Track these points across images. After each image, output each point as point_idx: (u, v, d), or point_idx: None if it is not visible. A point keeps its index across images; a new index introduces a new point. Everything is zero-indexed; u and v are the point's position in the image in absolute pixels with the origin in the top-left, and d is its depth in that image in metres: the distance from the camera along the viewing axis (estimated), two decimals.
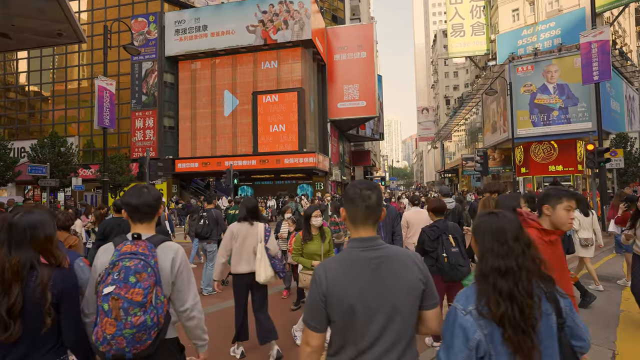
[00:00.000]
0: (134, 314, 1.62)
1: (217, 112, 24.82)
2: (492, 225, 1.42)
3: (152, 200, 1.92)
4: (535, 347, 1.25)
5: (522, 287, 1.30)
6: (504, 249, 1.35)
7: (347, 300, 1.39)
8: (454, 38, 34.26)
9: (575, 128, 25.12)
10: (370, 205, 1.47)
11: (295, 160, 22.25)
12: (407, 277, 1.43)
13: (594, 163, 11.14)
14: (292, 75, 23.85)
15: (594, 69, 11.96)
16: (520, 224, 1.43)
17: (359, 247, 1.46)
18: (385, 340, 1.39)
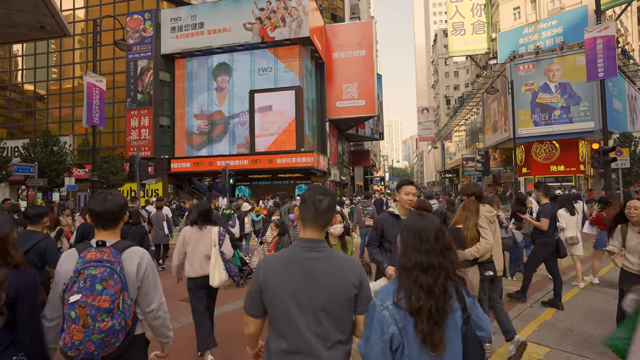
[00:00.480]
0: (101, 320, 1.68)
1: (216, 111, 24.42)
2: (417, 225, 1.55)
3: (115, 207, 1.94)
4: (442, 338, 1.38)
5: (440, 283, 1.43)
6: (426, 247, 1.48)
7: (279, 293, 1.53)
8: (455, 37, 33.88)
9: (578, 128, 24.75)
10: (320, 209, 1.60)
11: (292, 160, 21.87)
12: (341, 281, 1.53)
13: (599, 163, 10.73)
14: (290, 74, 23.46)
15: (599, 65, 11.56)
16: (441, 227, 1.56)
17: (302, 246, 1.59)
18: (311, 336, 1.49)
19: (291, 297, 1.52)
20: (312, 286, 1.52)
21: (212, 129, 24.34)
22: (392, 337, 1.39)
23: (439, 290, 1.42)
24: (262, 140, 23.01)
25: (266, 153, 22.48)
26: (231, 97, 24.22)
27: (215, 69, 24.58)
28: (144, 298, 1.92)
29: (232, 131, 24.02)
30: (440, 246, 1.50)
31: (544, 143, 26.77)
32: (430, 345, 1.37)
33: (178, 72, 25.27)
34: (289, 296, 1.52)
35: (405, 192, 3.14)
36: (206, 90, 24.61)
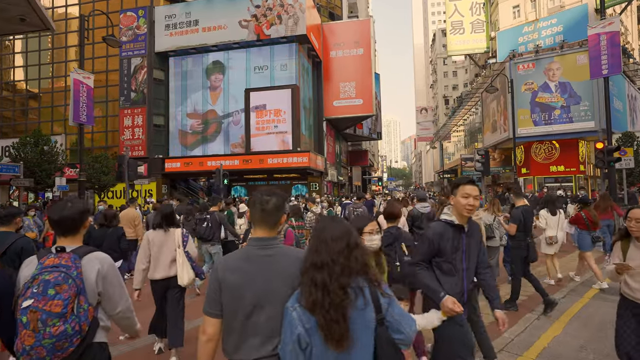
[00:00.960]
0: (52, 325, 1.68)
1: (209, 110, 24.00)
2: (319, 227, 1.63)
3: (74, 214, 1.94)
4: (345, 335, 1.41)
5: (335, 279, 1.46)
6: (321, 247, 1.54)
7: (235, 289, 1.62)
8: (454, 36, 33.54)
9: (578, 127, 24.45)
10: (266, 210, 1.70)
11: (288, 160, 21.46)
12: (293, 275, 1.58)
13: (603, 162, 10.37)
14: (286, 72, 23.06)
15: (602, 62, 11.19)
16: (350, 228, 1.62)
17: (255, 245, 1.70)
18: (266, 329, 1.59)
19: (247, 292, 1.62)
20: (266, 281, 1.62)
21: (205, 128, 23.92)
22: (299, 338, 1.45)
23: (334, 287, 1.45)
24: (257, 140, 22.59)
25: (261, 153, 22.07)
26: (226, 96, 23.80)
27: (209, 68, 24.15)
28: (109, 302, 1.94)
29: (225, 131, 23.61)
30: (340, 246, 1.53)
31: (544, 143, 26.45)
32: (331, 341, 1.41)
33: (172, 71, 24.82)
34: (246, 292, 1.62)
35: (464, 193, 2.42)
36: (200, 89, 24.18)
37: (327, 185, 27.82)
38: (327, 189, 27.19)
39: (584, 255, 6.46)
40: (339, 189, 32.09)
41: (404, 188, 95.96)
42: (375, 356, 1.50)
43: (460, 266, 2.47)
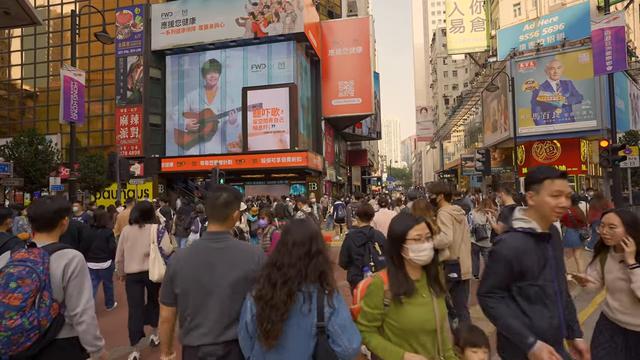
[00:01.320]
0: (9, 318, 1.70)
1: (206, 109, 23.72)
2: (285, 229, 1.75)
3: (48, 212, 2.00)
4: (276, 335, 1.52)
5: (286, 282, 1.57)
6: (283, 249, 1.66)
7: (186, 278, 1.79)
8: (453, 34, 33.21)
9: (580, 126, 24.16)
10: (215, 205, 1.88)
11: (286, 160, 21.17)
12: (241, 267, 1.77)
13: (608, 161, 10.05)
14: (284, 71, 22.77)
15: (607, 58, 10.89)
16: (315, 234, 1.67)
17: (207, 238, 1.88)
18: (213, 315, 1.75)
19: (197, 282, 1.76)
20: (215, 271, 1.76)
21: (201, 127, 23.63)
22: (246, 325, 1.61)
23: (283, 289, 1.55)
24: (254, 139, 22.30)
25: (258, 152, 21.78)
26: (223, 95, 23.51)
27: (205, 66, 23.87)
28: (69, 300, 1.93)
29: (222, 130, 23.31)
30: (301, 252, 1.61)
31: (545, 142, 26.14)
32: (262, 331, 1.52)
33: (169, 69, 24.54)
34: (195, 281, 1.76)
35: (554, 191, 1.77)
36: (196, 87, 23.89)
37: (326, 185, 27.53)
38: (326, 188, 26.90)
39: (575, 251, 6.60)
40: (338, 189, 31.80)
41: (403, 188, 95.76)
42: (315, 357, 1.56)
43: (551, 289, 1.82)
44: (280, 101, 22.04)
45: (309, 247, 1.62)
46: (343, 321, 1.58)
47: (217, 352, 1.73)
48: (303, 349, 1.55)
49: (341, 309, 1.59)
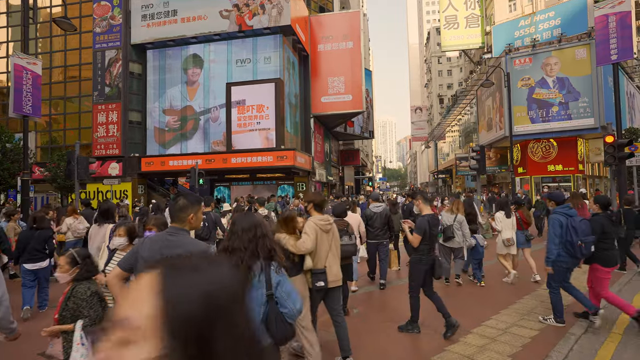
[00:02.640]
0: None
1: (188, 106, 22.59)
2: (233, 221, 2.20)
3: None
4: None
5: (244, 261, 1.94)
6: (234, 236, 2.08)
7: (145, 261, 2.18)
8: (447, 30, 32.37)
9: (577, 125, 23.36)
10: (174, 208, 2.35)
11: (272, 159, 20.10)
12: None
13: (613, 158, 9.11)
14: (270, 65, 21.71)
15: (611, 46, 9.97)
16: (258, 222, 2.12)
17: (167, 231, 2.34)
18: None
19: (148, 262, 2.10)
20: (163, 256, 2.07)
21: (182, 125, 22.49)
22: None
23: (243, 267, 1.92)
24: (239, 137, 21.22)
25: (243, 151, 20.70)
26: (205, 91, 22.41)
27: (186, 61, 22.74)
28: None
29: (204, 128, 22.20)
30: (250, 235, 2.03)
31: (541, 141, 25.35)
32: None
33: (151, 64, 23.38)
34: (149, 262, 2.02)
35: None
36: (178, 83, 22.75)
37: (316, 186, 26.49)
38: (316, 189, 25.85)
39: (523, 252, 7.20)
40: (329, 189, 30.78)
41: (399, 189, 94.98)
42: (266, 325, 1.92)
43: None
44: (266, 97, 20.98)
45: (255, 232, 2.03)
46: (288, 288, 2.01)
47: None
48: (256, 315, 1.88)
49: (285, 280, 2.04)
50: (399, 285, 6.94)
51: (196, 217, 2.36)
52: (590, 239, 4.24)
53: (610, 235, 4.56)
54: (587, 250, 4.20)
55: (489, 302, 5.84)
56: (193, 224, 2.36)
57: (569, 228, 4.24)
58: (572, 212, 4.39)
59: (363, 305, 5.91)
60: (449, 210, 6.47)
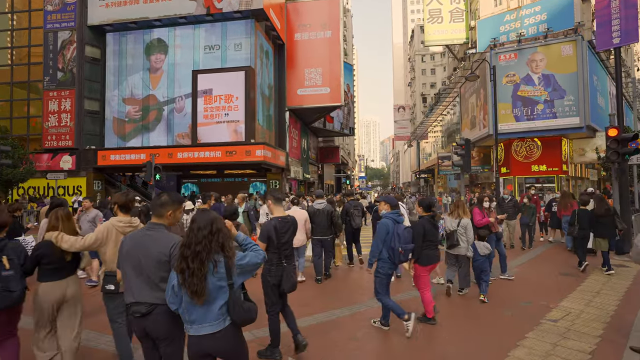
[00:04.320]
0: None
1: (150, 95, 20.66)
2: (192, 219, 2.28)
3: None
4: (202, 292, 2.11)
5: (197, 255, 2.14)
6: (191, 234, 2.20)
7: (125, 252, 2.46)
8: (431, 25, 31.29)
9: (562, 124, 22.51)
10: (156, 204, 2.56)
11: (242, 153, 18.43)
12: (158, 249, 2.39)
13: (617, 154, 7.90)
14: (240, 53, 20.02)
15: (613, 28, 8.77)
16: (214, 219, 2.28)
17: (146, 227, 2.54)
18: (139, 281, 2.39)
19: (131, 255, 2.43)
20: (143, 249, 2.41)
21: (144, 115, 20.58)
22: (173, 287, 2.19)
23: (195, 260, 2.12)
24: (205, 130, 19.46)
25: (209, 145, 18.96)
26: (170, 79, 20.55)
27: (150, 46, 20.80)
28: None
29: (167, 119, 20.35)
30: (204, 233, 2.19)
31: (525, 140, 24.49)
32: (190, 293, 2.11)
33: (110, 48, 21.31)
34: (130, 255, 2.43)
35: None
36: (139, 70, 20.79)
37: (292, 183, 24.93)
38: (291, 187, 24.30)
39: None
40: (307, 187, 29.25)
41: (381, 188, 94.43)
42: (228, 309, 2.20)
43: None
44: (236, 87, 19.30)
45: (211, 228, 2.21)
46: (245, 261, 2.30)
47: (140, 310, 2.36)
48: (220, 300, 2.18)
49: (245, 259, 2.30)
50: None
51: (174, 215, 2.60)
52: (410, 247, 4.33)
53: (431, 237, 4.60)
54: (405, 257, 4.33)
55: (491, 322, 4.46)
56: (170, 220, 2.59)
57: (394, 234, 4.26)
58: (400, 218, 4.38)
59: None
60: (452, 214, 5.87)
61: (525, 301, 5.35)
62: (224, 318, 2.19)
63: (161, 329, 2.36)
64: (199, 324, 2.17)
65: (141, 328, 2.39)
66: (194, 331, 2.18)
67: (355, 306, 5.34)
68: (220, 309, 2.17)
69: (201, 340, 2.17)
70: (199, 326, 2.17)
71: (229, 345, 2.23)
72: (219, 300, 2.16)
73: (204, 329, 2.17)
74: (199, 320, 2.16)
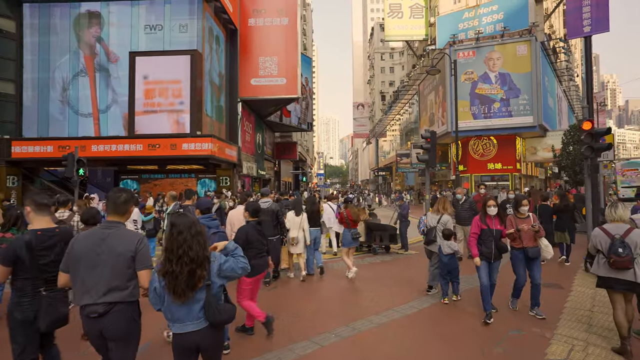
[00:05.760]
0: None
1: (80, 78, 18.04)
2: (170, 223, 2.37)
3: None
4: (182, 292, 2.23)
5: (180, 258, 2.25)
6: (172, 237, 2.30)
7: (80, 252, 2.43)
8: (392, 19, 30.77)
9: (517, 122, 22.77)
10: (118, 202, 2.58)
11: (185, 146, 16.49)
12: (123, 248, 2.44)
13: (591, 150, 7.25)
14: (185, 35, 18.00)
15: (584, 15, 8.18)
16: (194, 222, 2.39)
17: (103, 225, 2.56)
18: (97, 282, 2.39)
19: (87, 255, 2.41)
20: (101, 249, 2.42)
21: (74, 102, 17.93)
22: (155, 289, 2.30)
23: (180, 263, 2.24)
24: (143, 120, 17.26)
25: (148, 136, 16.81)
26: (104, 61, 18.04)
27: (78, 22, 18.15)
28: None
29: (100, 107, 17.87)
30: (184, 237, 2.28)
31: (482, 139, 24.59)
32: (173, 295, 2.23)
33: (28, 22, 18.34)
34: (86, 255, 2.41)
35: None
36: (67, 50, 18.09)
37: (245, 180, 23.18)
38: (244, 184, 22.57)
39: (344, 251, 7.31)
40: (262, 184, 27.58)
41: (340, 186, 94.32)
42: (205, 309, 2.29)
43: None
44: (179, 72, 17.29)
45: (189, 231, 2.29)
46: (225, 265, 2.39)
47: (98, 310, 2.35)
48: (199, 299, 2.28)
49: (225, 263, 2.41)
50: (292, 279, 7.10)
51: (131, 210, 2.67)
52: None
53: (256, 244, 4.39)
54: None
55: None
56: (128, 216, 2.64)
57: None
58: (213, 223, 4.16)
59: None
60: (435, 211, 5.92)
61: (514, 329, 4.33)
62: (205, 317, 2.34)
63: (119, 329, 2.40)
64: (182, 322, 2.31)
65: (97, 329, 2.40)
66: (177, 329, 2.33)
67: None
68: (201, 309, 2.32)
69: (185, 336, 2.32)
70: (182, 324, 2.31)
71: (212, 341, 2.38)
72: (198, 299, 2.31)
73: (187, 327, 2.31)
74: (182, 319, 2.31)
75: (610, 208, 4.02)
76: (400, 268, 8.09)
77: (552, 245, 7.18)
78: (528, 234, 4.88)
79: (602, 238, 3.85)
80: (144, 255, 2.46)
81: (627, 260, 3.61)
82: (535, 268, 4.93)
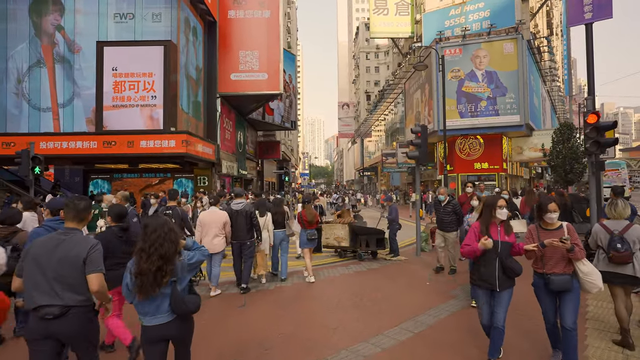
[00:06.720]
0: None
1: (42, 68, 16.67)
2: (144, 225, 2.52)
3: None
4: (149, 290, 2.39)
5: (151, 257, 2.39)
6: (145, 237, 2.45)
7: (34, 259, 2.49)
8: (377, 16, 30.14)
9: (503, 121, 22.39)
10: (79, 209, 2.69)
11: (158, 144, 15.35)
12: (74, 253, 2.52)
13: (597, 145, 6.59)
14: (160, 25, 16.86)
15: (585, 2, 7.55)
16: (164, 222, 2.54)
17: (61, 232, 2.64)
18: (52, 284, 2.46)
19: (42, 260, 2.48)
20: (56, 253, 2.50)
21: (34, 95, 16.54)
22: (127, 284, 2.44)
23: (150, 260, 2.38)
24: (112, 114, 16.00)
25: (118, 132, 15.59)
26: (68, 52, 16.71)
27: (38, 7, 16.77)
28: None
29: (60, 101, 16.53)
30: (155, 236, 2.44)
31: (468, 138, 24.16)
32: (140, 294, 2.38)
33: None
34: (41, 259, 2.48)
35: None
36: (25, 38, 16.68)
37: (225, 180, 22.09)
38: (224, 184, 21.49)
39: (304, 251, 7.35)
40: (243, 184, 26.50)
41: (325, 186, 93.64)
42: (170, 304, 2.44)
43: None
44: (152, 64, 16.10)
45: (161, 232, 2.44)
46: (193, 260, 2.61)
47: (53, 312, 2.42)
48: (165, 294, 2.44)
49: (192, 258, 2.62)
50: (264, 290, 6.57)
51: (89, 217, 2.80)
52: None
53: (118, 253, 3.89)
54: None
55: None
56: (86, 223, 2.75)
57: None
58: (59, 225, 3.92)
59: None
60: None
61: None
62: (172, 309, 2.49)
63: (74, 330, 2.50)
64: (152, 315, 2.47)
65: (48, 331, 2.45)
66: (147, 322, 2.49)
67: None
68: (169, 303, 2.47)
69: (154, 328, 2.46)
70: (152, 317, 2.47)
71: (180, 331, 2.55)
72: (165, 294, 2.45)
73: (157, 320, 2.47)
74: (152, 312, 2.46)
75: (610, 206, 4.13)
76: (388, 278, 7.29)
77: None
78: (556, 254, 3.38)
79: (602, 234, 4.00)
80: (94, 259, 2.55)
81: (626, 255, 3.74)
82: (568, 305, 3.36)
